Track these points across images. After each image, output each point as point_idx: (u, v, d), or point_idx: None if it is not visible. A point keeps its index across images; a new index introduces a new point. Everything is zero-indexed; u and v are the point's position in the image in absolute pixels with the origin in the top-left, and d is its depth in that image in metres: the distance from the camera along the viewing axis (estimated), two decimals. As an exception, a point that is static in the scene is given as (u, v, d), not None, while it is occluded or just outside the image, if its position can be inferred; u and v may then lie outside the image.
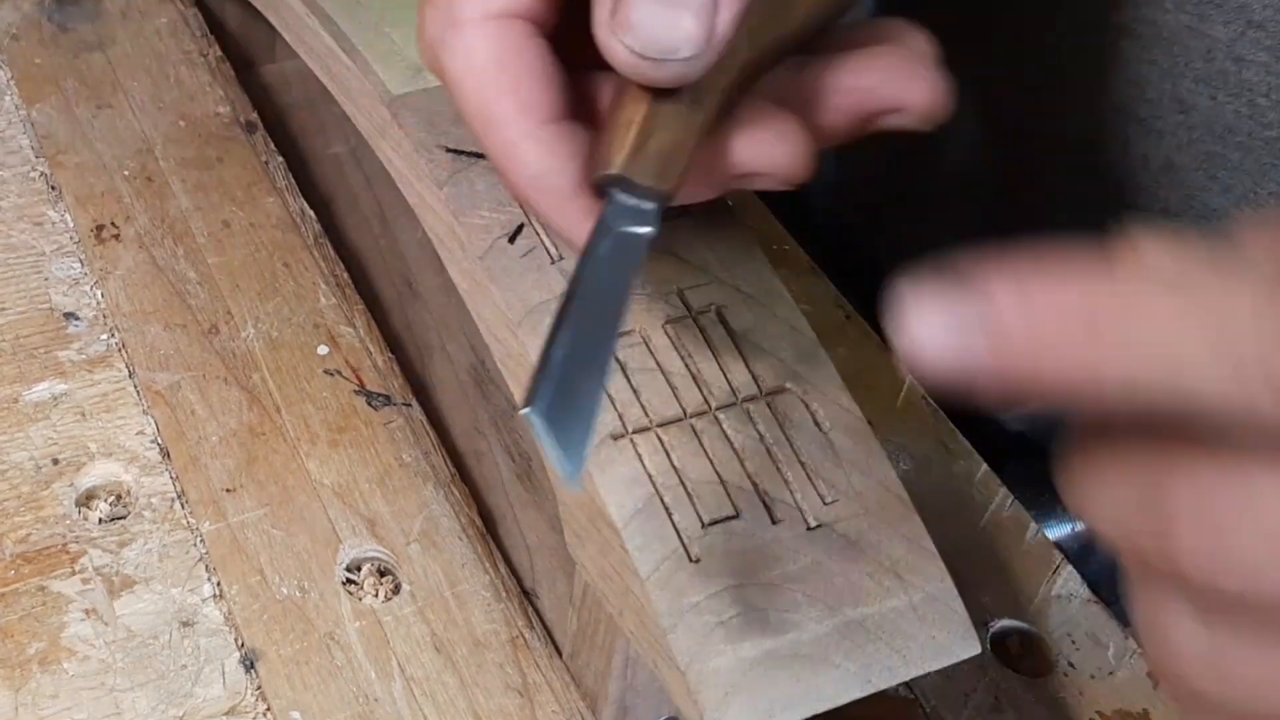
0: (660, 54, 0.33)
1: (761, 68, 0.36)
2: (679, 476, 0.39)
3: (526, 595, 0.47)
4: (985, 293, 0.25)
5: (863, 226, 0.70)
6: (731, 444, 0.40)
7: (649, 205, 0.35)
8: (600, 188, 0.35)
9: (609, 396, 0.40)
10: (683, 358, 0.41)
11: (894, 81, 0.37)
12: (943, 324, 0.25)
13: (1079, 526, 0.57)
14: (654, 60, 0.33)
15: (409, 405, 0.51)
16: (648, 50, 0.33)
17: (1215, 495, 0.26)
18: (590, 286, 0.34)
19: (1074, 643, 0.50)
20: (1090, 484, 0.27)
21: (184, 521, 0.46)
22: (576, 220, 0.36)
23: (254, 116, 0.59)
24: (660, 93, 0.34)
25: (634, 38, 0.33)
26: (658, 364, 0.40)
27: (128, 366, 0.50)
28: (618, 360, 0.40)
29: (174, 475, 0.47)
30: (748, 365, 0.41)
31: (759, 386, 0.41)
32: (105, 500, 0.47)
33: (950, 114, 0.37)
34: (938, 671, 0.39)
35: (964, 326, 0.25)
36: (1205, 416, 0.25)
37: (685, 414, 0.40)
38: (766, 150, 0.36)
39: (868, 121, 0.37)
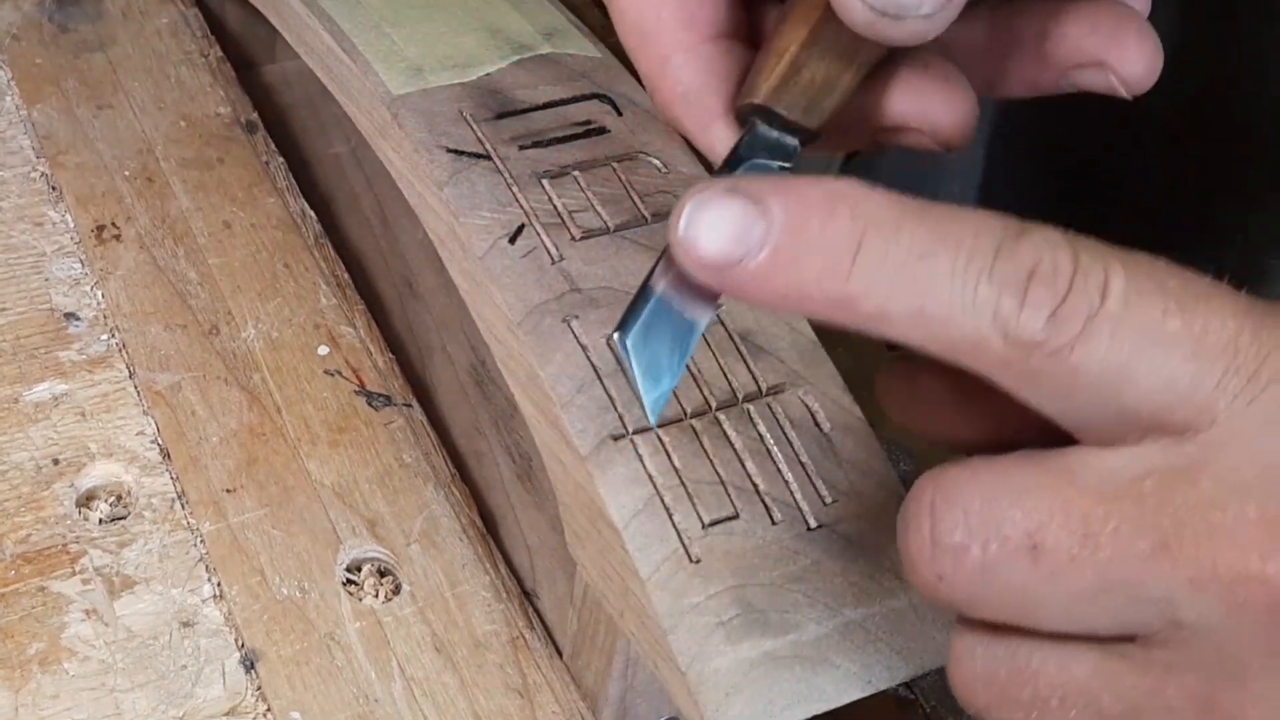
0: (900, 10, 0.31)
1: None
2: (679, 476, 0.39)
3: (527, 596, 0.47)
4: (766, 209, 0.27)
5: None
6: (731, 444, 0.40)
7: (790, 141, 0.33)
8: (743, 117, 0.34)
9: (609, 397, 0.40)
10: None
11: (1100, 35, 0.35)
12: (723, 228, 0.28)
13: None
14: (892, 17, 0.31)
15: (409, 405, 0.51)
16: (888, 6, 0.31)
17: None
18: None
19: None
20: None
21: (184, 522, 0.46)
22: (722, 143, 0.35)
23: (254, 116, 0.59)
24: (824, 23, 0.32)
25: None
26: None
27: (128, 367, 0.50)
28: (618, 361, 0.40)
29: (174, 475, 0.47)
30: (748, 365, 0.41)
31: (759, 386, 0.41)
32: (105, 500, 0.47)
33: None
34: (938, 671, 0.39)
35: (742, 235, 0.28)
36: (943, 350, 0.27)
37: (685, 414, 0.40)
38: (927, 105, 0.35)
39: (1067, 75, 0.36)
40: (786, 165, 0.33)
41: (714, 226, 0.28)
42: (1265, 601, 0.26)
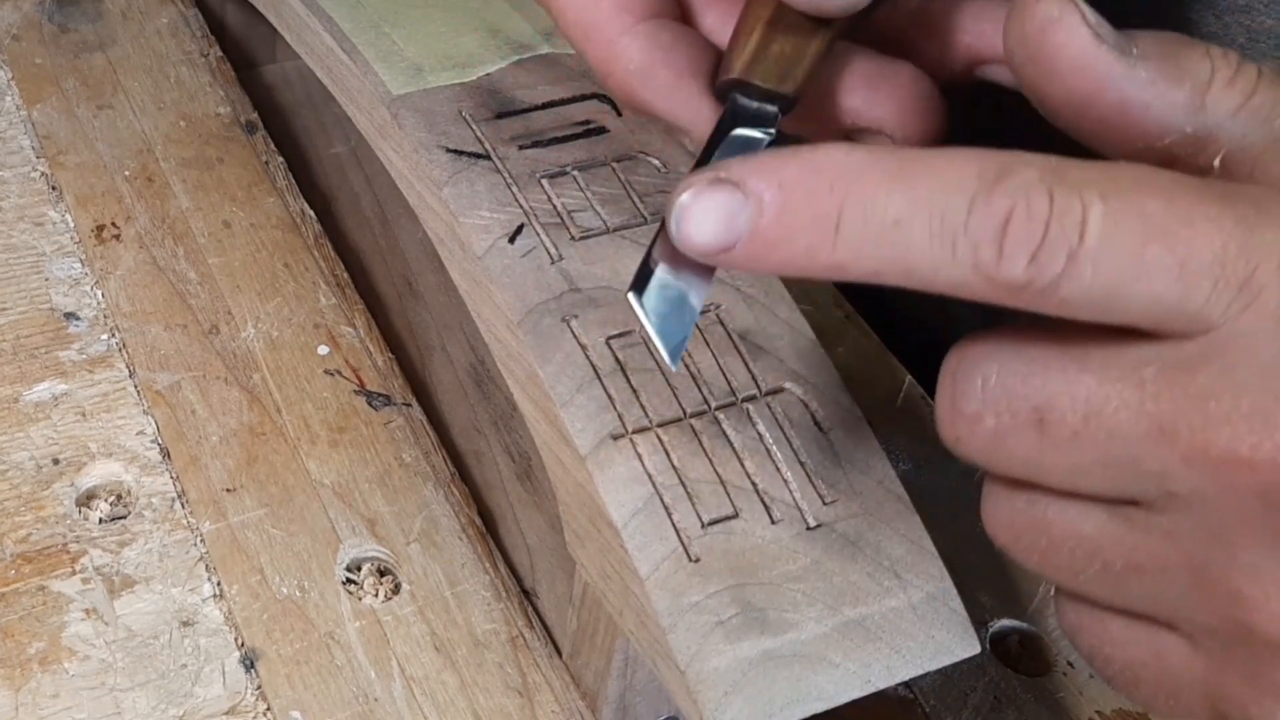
0: None
1: None
2: (679, 476, 0.39)
3: (526, 595, 0.47)
4: (749, 194, 0.29)
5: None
6: (731, 444, 0.40)
7: (770, 109, 0.35)
8: (723, 94, 0.36)
9: (609, 396, 0.40)
10: (682, 357, 0.41)
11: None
12: (712, 218, 0.29)
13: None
14: None
15: (409, 405, 0.51)
16: None
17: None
18: None
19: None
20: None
21: (184, 521, 0.46)
22: (683, 106, 0.37)
23: (254, 116, 0.60)
24: (780, 5, 0.35)
25: None
26: (657, 364, 0.41)
27: (128, 366, 0.50)
28: (617, 360, 0.40)
29: (174, 475, 0.47)
30: (748, 365, 0.41)
31: (759, 386, 0.41)
32: (105, 500, 0.47)
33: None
34: (937, 671, 0.39)
35: (730, 222, 0.29)
36: (941, 292, 0.29)
37: (685, 414, 0.40)
38: (878, 106, 0.37)
39: (977, 67, 0.38)
40: (770, 132, 0.35)
41: (703, 218, 0.30)
42: (1252, 484, 0.28)
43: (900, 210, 0.28)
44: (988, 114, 0.42)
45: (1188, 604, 0.30)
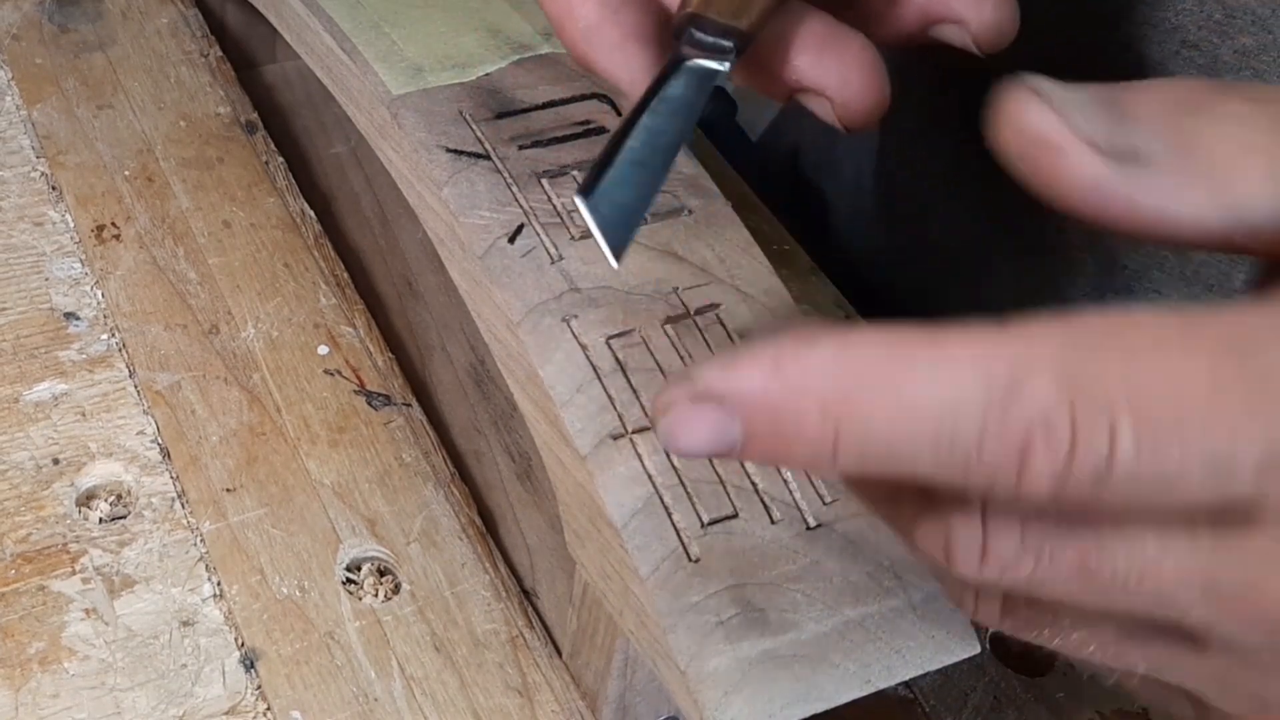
0: None
1: None
2: (679, 476, 0.39)
3: (526, 595, 0.47)
4: (733, 411, 0.27)
5: (864, 227, 0.70)
6: (731, 444, 0.40)
7: (725, 42, 0.36)
8: (680, 31, 0.37)
9: (608, 396, 0.40)
10: (682, 357, 0.41)
11: None
12: (700, 435, 0.28)
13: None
14: None
15: (409, 405, 0.51)
16: None
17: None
18: (658, 105, 0.35)
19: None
20: None
21: (184, 521, 0.46)
22: (623, 67, 0.37)
23: (254, 116, 0.60)
24: None
25: None
26: (657, 364, 0.41)
27: (128, 366, 0.50)
28: (617, 360, 0.40)
29: (174, 475, 0.47)
30: (747, 365, 0.41)
31: (759, 386, 0.41)
32: (105, 500, 0.47)
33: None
34: (937, 671, 0.39)
35: (720, 437, 0.27)
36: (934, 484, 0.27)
37: (685, 414, 0.40)
38: (824, 71, 0.37)
39: (928, 28, 0.38)
40: (724, 68, 0.36)
41: (691, 434, 0.28)
42: None
43: (900, 438, 0.26)
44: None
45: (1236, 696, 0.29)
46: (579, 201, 0.34)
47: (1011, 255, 0.59)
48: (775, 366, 0.27)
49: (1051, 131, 0.27)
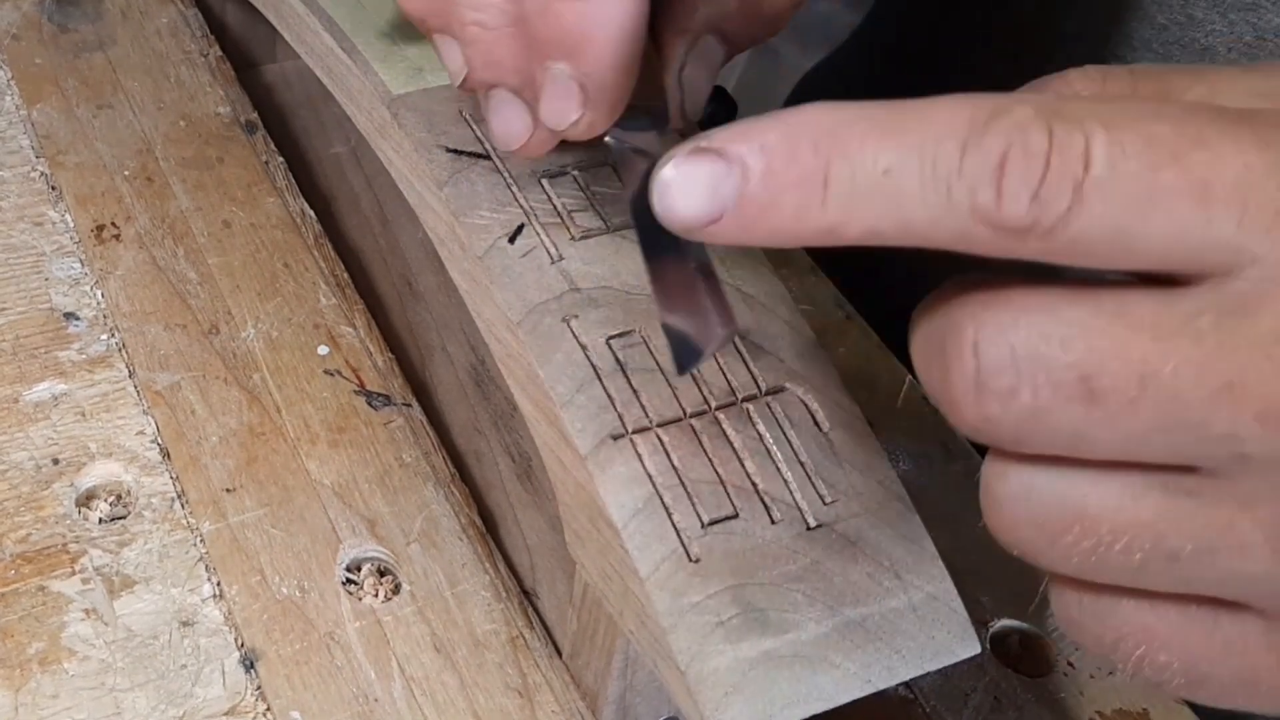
0: None
1: None
2: (679, 476, 0.39)
3: (526, 595, 0.47)
4: (731, 162, 0.28)
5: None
6: (731, 443, 0.40)
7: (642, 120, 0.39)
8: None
9: (609, 396, 0.40)
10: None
11: None
12: (696, 189, 0.28)
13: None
14: None
15: (409, 405, 0.51)
16: None
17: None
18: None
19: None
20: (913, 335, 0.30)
21: (184, 521, 0.46)
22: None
23: (254, 116, 0.59)
24: None
25: None
26: (657, 364, 0.41)
27: (128, 366, 0.50)
28: (617, 360, 0.40)
29: (174, 475, 0.47)
30: (748, 365, 0.41)
31: (759, 386, 0.41)
32: (105, 500, 0.47)
33: None
34: (937, 671, 0.39)
35: (714, 193, 0.28)
36: (943, 247, 0.27)
37: (685, 414, 0.40)
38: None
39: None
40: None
41: (687, 190, 0.29)
42: None
43: (889, 160, 0.27)
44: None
45: (1269, 577, 0.27)
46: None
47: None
48: (774, 116, 0.28)
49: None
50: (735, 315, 0.34)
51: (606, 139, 0.39)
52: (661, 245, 0.36)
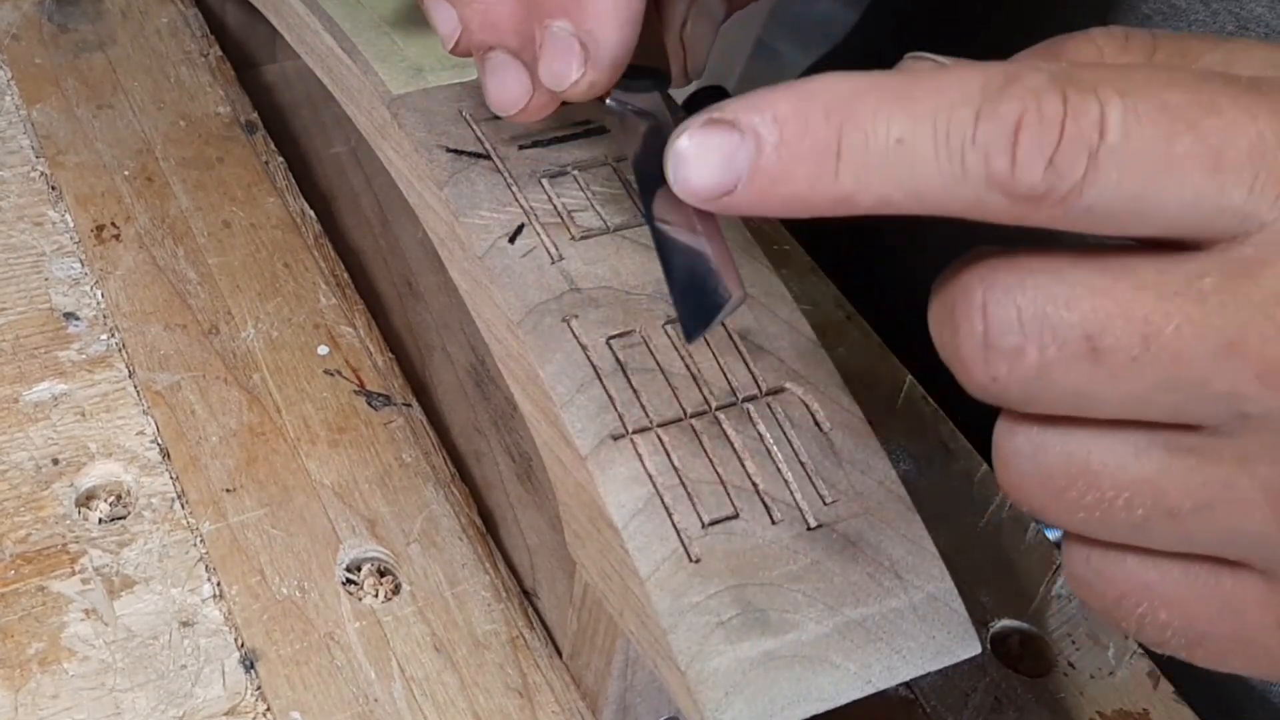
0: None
1: None
2: (679, 476, 0.39)
3: (526, 595, 0.47)
4: (744, 132, 0.28)
5: (864, 227, 0.70)
6: (731, 444, 0.40)
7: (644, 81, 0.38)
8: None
9: (609, 396, 0.40)
10: (683, 358, 0.41)
11: None
12: (710, 160, 0.28)
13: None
14: None
15: (409, 405, 0.51)
16: None
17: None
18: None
19: (1074, 643, 0.50)
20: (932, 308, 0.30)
21: (184, 521, 0.46)
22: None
23: (254, 116, 0.59)
24: None
25: None
26: (658, 364, 0.41)
27: (128, 366, 0.50)
28: (617, 360, 0.40)
29: (174, 475, 0.47)
30: (747, 365, 0.41)
31: (759, 386, 0.41)
32: (105, 500, 0.47)
33: None
34: (938, 671, 0.39)
35: (728, 163, 0.28)
36: (958, 215, 0.27)
37: (685, 414, 0.40)
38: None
39: None
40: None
41: (701, 160, 0.29)
42: None
43: (902, 129, 0.27)
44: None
45: (1267, 536, 0.28)
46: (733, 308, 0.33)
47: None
48: (788, 86, 0.28)
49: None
50: (743, 281, 0.34)
51: (607, 101, 0.39)
52: (666, 210, 0.35)
